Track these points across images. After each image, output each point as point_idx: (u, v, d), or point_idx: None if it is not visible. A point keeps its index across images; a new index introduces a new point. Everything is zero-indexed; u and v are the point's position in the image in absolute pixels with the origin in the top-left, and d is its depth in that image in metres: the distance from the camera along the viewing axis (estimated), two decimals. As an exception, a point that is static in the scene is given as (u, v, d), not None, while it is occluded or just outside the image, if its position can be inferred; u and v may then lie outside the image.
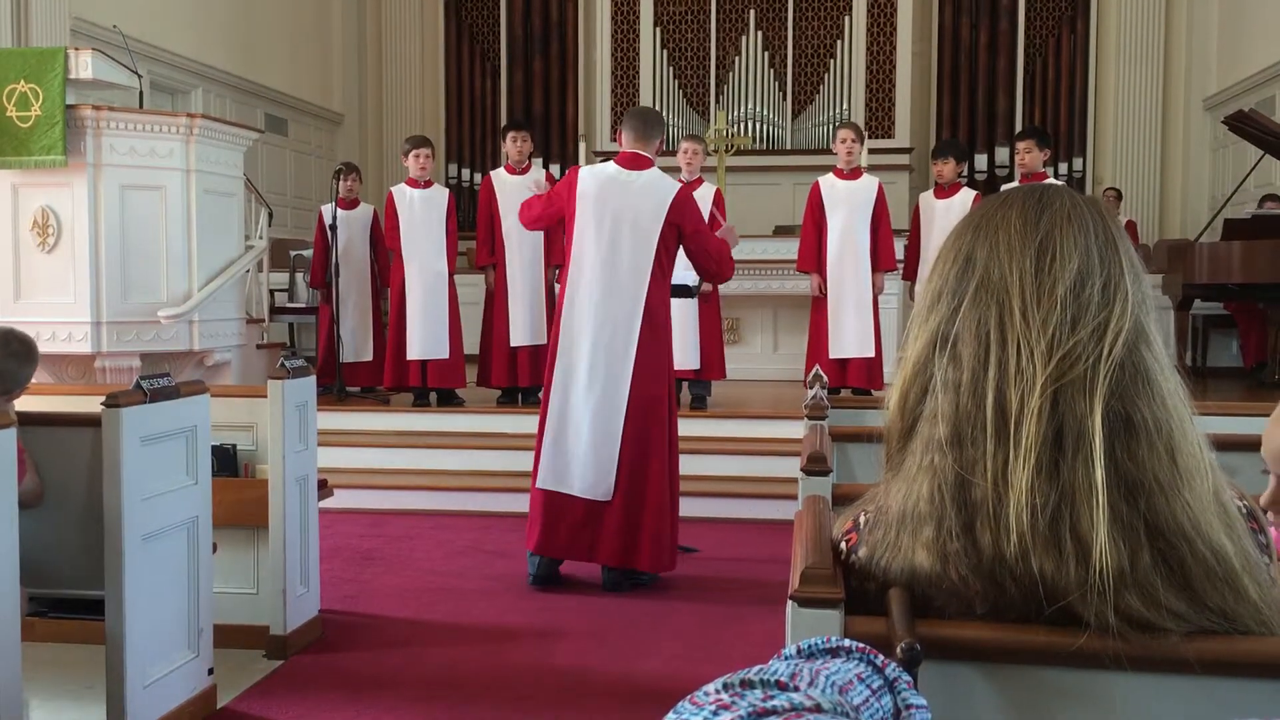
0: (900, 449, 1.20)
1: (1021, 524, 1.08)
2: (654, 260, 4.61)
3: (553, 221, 4.93)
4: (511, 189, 7.01)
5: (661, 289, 4.69)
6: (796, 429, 3.61)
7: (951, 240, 1.23)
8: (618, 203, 4.63)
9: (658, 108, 11.84)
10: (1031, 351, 1.11)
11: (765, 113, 11.83)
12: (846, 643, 0.95)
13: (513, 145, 7.17)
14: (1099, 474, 1.07)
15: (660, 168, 4.81)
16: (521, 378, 7.07)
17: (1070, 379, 1.09)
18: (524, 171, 7.15)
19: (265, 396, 3.86)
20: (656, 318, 4.66)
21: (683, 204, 4.67)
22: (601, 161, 8.01)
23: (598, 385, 4.56)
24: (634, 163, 4.73)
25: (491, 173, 7.43)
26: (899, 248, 7.61)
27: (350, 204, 7.73)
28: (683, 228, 4.66)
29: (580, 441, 4.56)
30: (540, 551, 4.65)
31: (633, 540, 4.57)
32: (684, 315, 6.99)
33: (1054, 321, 1.11)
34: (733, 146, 9.74)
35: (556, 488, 4.59)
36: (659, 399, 4.63)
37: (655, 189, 4.65)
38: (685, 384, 7.17)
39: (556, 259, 6.75)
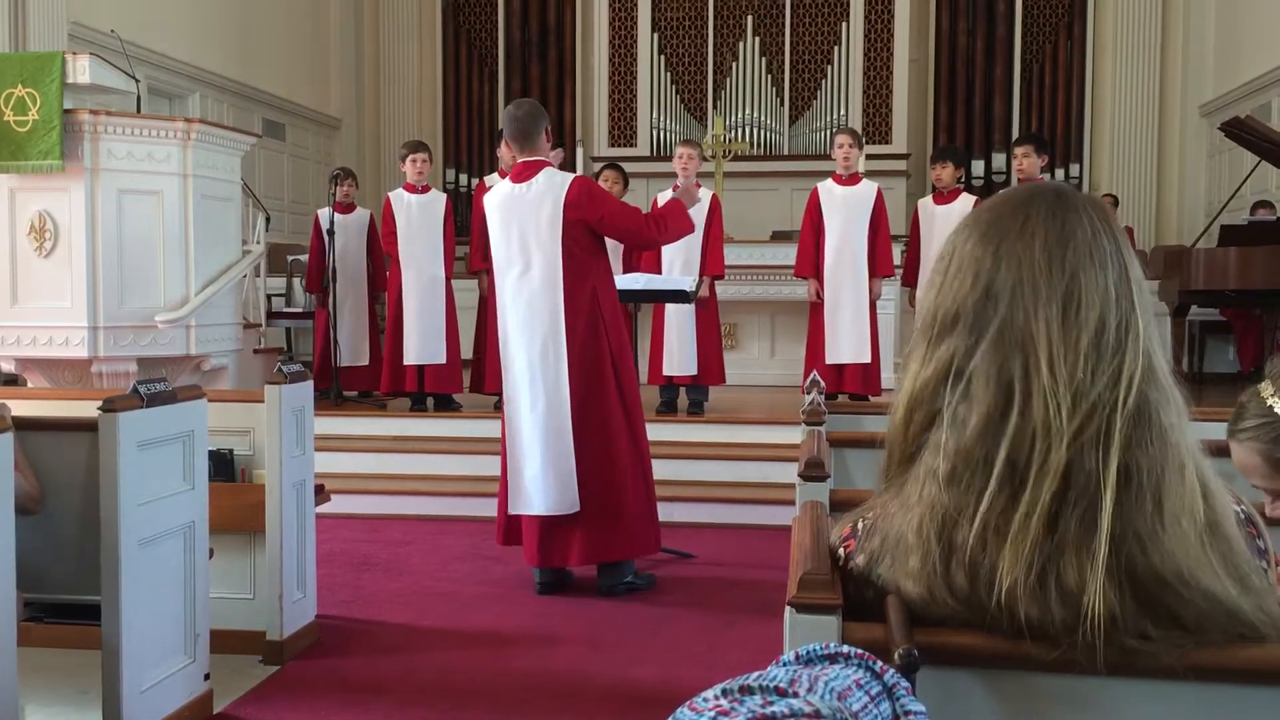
0: (900, 471, 1.20)
1: (1014, 574, 1.07)
2: (563, 260, 4.49)
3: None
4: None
5: (586, 281, 4.53)
6: (794, 434, 3.62)
7: (962, 249, 1.19)
8: (519, 218, 4.56)
9: (655, 113, 11.86)
10: (1058, 406, 1.09)
11: (763, 118, 11.84)
12: (845, 649, 0.95)
13: (506, 150, 7.14)
14: (1105, 525, 1.06)
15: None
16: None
17: (1089, 434, 1.09)
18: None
19: (262, 401, 3.85)
20: (594, 311, 4.54)
21: (579, 194, 4.51)
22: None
23: (540, 403, 4.53)
24: (525, 173, 4.61)
25: (485, 178, 7.42)
26: (897, 254, 7.62)
27: (347, 209, 7.73)
28: (587, 219, 4.50)
29: (535, 462, 4.53)
30: (532, 563, 4.65)
31: (610, 534, 4.55)
32: (682, 321, 6.99)
33: (1078, 376, 1.10)
34: (730, 152, 9.76)
35: (527, 510, 4.58)
36: (608, 393, 4.55)
37: (547, 191, 4.53)
38: (683, 389, 7.18)
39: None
